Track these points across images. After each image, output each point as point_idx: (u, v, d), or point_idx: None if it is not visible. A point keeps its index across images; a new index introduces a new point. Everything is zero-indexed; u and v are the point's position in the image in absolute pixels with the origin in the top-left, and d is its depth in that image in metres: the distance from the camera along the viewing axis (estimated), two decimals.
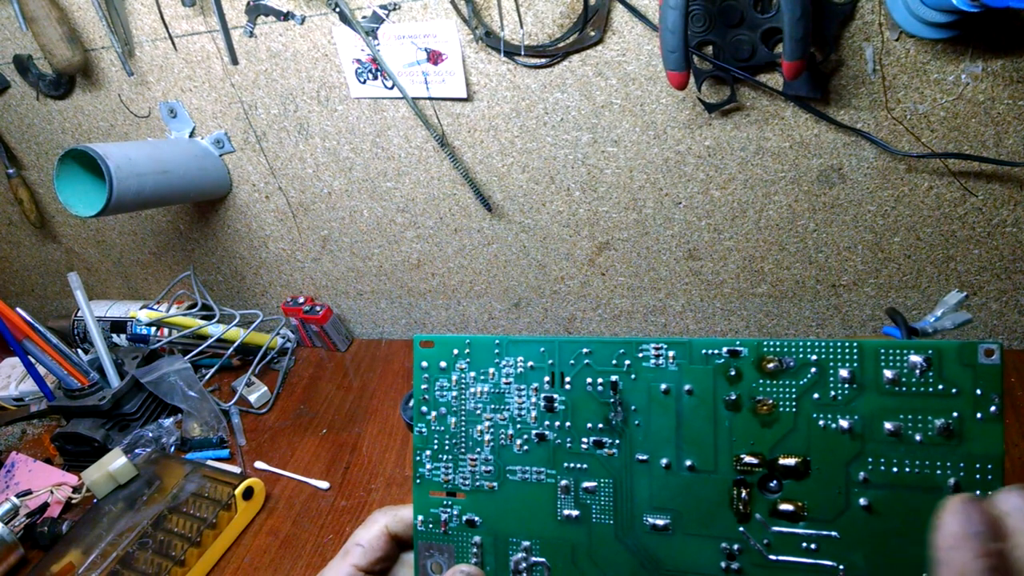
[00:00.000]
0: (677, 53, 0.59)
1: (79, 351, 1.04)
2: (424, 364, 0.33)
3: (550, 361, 0.32)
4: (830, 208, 0.73)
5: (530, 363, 0.32)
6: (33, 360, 0.84)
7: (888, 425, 0.28)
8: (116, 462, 0.77)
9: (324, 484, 0.79)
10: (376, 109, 0.81)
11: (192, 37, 0.82)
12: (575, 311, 0.91)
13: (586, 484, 0.32)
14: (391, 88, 0.78)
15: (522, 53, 0.72)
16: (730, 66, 0.66)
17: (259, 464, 0.83)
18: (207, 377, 0.98)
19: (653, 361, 0.30)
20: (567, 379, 0.32)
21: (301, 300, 1.01)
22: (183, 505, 0.73)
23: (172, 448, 0.87)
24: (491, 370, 0.33)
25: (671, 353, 0.30)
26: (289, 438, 0.87)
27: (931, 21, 0.57)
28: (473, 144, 0.80)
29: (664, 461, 0.31)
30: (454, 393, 0.33)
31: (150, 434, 0.86)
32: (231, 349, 0.95)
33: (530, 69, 0.73)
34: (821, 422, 0.29)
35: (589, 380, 0.31)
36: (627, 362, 0.31)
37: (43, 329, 0.84)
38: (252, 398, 0.93)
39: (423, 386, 0.34)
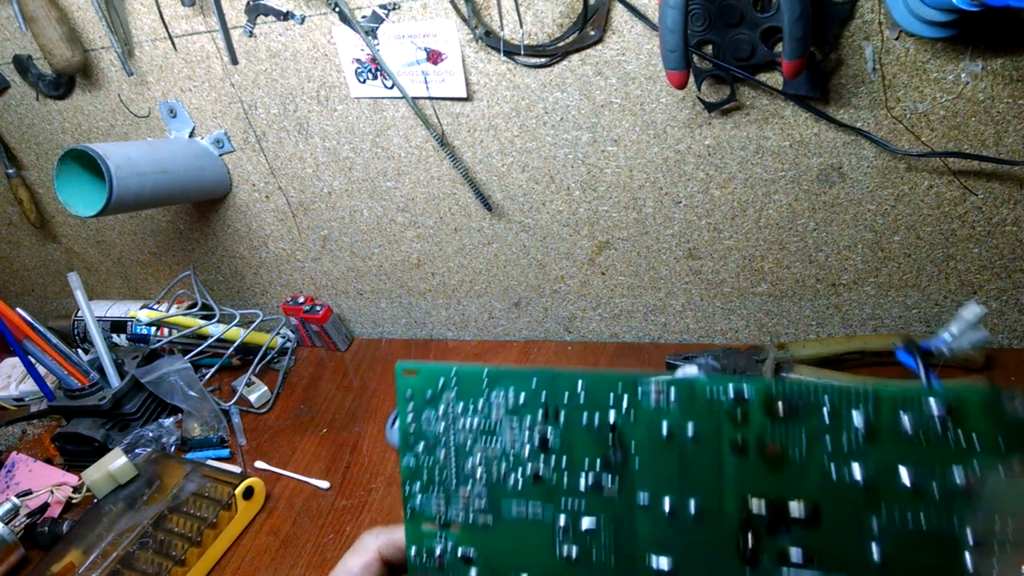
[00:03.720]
0: (677, 52, 0.59)
1: (79, 351, 1.04)
2: (409, 393, 0.32)
3: (543, 395, 0.30)
4: (830, 207, 0.73)
5: (522, 396, 0.30)
6: (33, 360, 0.84)
7: (904, 476, 0.26)
8: (116, 462, 0.77)
9: (324, 484, 0.79)
10: (376, 109, 0.81)
11: (192, 37, 0.82)
12: (575, 310, 0.91)
13: (585, 524, 0.30)
14: (391, 88, 0.78)
15: (522, 53, 0.72)
16: (730, 65, 0.66)
17: (259, 464, 0.83)
18: (207, 377, 0.98)
19: (653, 400, 0.29)
20: (561, 414, 0.30)
21: (301, 300, 1.01)
22: (183, 505, 0.73)
23: (172, 448, 0.87)
24: (480, 402, 0.31)
25: (672, 394, 0.29)
26: (289, 438, 0.87)
27: (931, 20, 0.57)
28: (473, 144, 0.80)
29: (667, 503, 0.29)
30: (443, 425, 0.31)
31: (150, 434, 0.86)
32: (231, 349, 0.95)
33: (530, 69, 0.73)
34: (833, 470, 0.27)
35: (585, 417, 0.30)
36: (626, 400, 0.29)
37: (43, 329, 0.84)
38: (252, 398, 0.93)
39: (409, 416, 0.32)
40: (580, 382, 0.30)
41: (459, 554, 0.32)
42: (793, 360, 0.74)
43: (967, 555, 0.26)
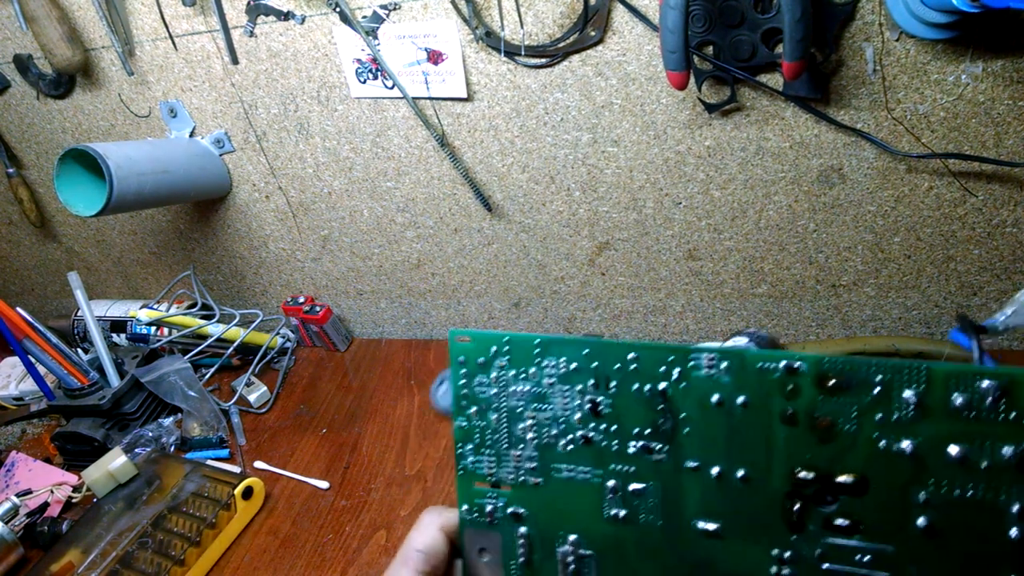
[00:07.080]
0: (677, 53, 0.59)
1: (79, 351, 1.03)
2: (461, 359, 0.32)
3: (594, 364, 0.30)
4: (830, 208, 0.73)
5: (573, 365, 0.31)
6: (33, 359, 0.84)
7: (953, 450, 0.27)
8: (116, 461, 0.77)
9: (324, 484, 0.79)
10: (376, 109, 0.81)
11: (192, 37, 0.82)
12: (575, 311, 0.91)
13: (634, 486, 0.31)
14: (391, 88, 0.78)
15: (522, 53, 0.72)
16: (730, 66, 0.66)
17: (259, 464, 0.83)
18: (207, 377, 0.98)
19: (705, 371, 0.29)
20: (612, 383, 0.30)
21: (301, 300, 1.01)
22: (183, 504, 0.73)
23: (172, 447, 0.87)
24: (532, 370, 0.31)
25: (724, 364, 0.29)
26: (289, 438, 0.87)
27: (931, 21, 0.57)
28: (473, 144, 0.80)
29: (715, 470, 0.30)
30: (494, 390, 0.32)
31: (150, 433, 0.86)
32: (231, 349, 0.95)
33: (530, 69, 0.73)
34: (882, 442, 0.27)
35: (636, 385, 0.30)
36: (677, 370, 0.29)
37: (43, 328, 0.84)
38: (252, 398, 0.93)
39: (461, 381, 0.32)
40: (631, 353, 0.30)
41: (509, 511, 0.32)
42: None
43: (1013, 527, 0.26)
